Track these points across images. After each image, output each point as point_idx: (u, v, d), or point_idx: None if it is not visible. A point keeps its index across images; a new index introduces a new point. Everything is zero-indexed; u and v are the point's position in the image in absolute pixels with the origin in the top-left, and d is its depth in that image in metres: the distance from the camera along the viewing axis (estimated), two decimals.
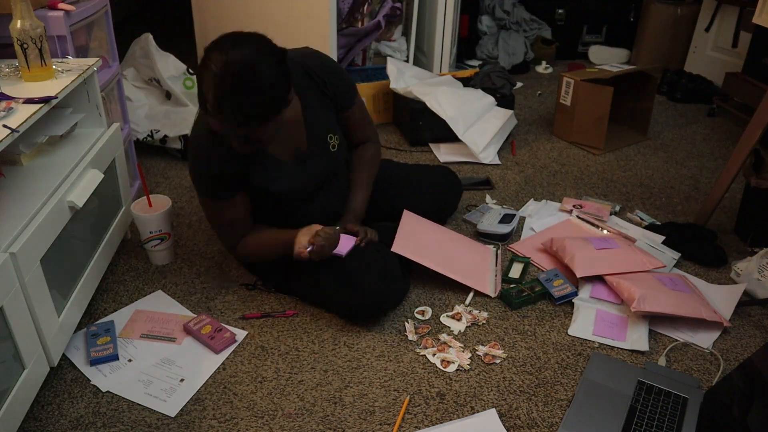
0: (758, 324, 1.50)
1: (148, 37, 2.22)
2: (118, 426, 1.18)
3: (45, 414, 1.20)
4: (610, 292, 1.54)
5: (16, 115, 1.15)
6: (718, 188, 1.81)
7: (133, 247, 1.73)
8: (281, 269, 1.52)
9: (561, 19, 3.53)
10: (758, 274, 1.57)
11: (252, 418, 1.20)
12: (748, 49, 2.71)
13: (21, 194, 1.24)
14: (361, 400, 1.25)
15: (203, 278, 1.61)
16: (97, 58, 1.51)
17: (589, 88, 2.35)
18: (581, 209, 1.93)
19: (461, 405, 1.24)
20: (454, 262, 1.61)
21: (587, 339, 1.43)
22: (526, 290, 1.55)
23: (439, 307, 1.52)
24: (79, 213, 1.34)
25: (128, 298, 1.53)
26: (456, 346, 1.39)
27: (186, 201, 1.99)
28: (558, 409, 1.24)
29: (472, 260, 1.66)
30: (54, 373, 1.29)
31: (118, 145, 1.59)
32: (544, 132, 2.60)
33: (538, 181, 2.18)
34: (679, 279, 1.57)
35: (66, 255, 1.28)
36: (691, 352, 1.40)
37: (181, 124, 2.18)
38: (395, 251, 1.52)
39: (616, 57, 3.48)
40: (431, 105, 2.32)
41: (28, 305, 1.11)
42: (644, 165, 2.33)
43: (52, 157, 1.40)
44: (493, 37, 3.39)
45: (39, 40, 1.29)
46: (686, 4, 3.19)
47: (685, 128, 2.68)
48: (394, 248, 1.52)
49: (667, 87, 3.03)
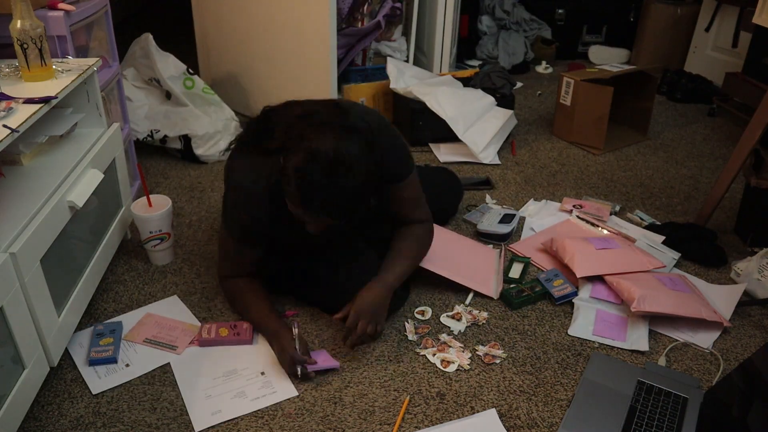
0: (758, 324, 1.50)
1: (148, 37, 2.22)
2: (118, 426, 1.18)
3: (45, 414, 1.20)
4: (610, 292, 1.54)
5: (16, 115, 1.15)
6: (718, 188, 1.81)
7: (133, 247, 1.73)
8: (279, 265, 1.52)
9: (561, 19, 3.53)
10: (758, 274, 1.57)
11: (252, 418, 1.20)
12: (748, 49, 2.71)
13: (21, 194, 1.24)
14: (361, 400, 1.25)
15: (203, 278, 1.61)
16: (97, 58, 1.51)
17: (589, 88, 2.35)
18: (581, 209, 1.93)
19: (461, 405, 1.24)
20: (458, 265, 1.62)
21: (587, 339, 1.43)
22: (526, 290, 1.55)
23: (439, 307, 1.52)
24: (79, 213, 1.34)
25: (129, 298, 1.53)
26: (456, 346, 1.39)
27: (186, 201, 1.99)
28: (558, 409, 1.24)
29: (476, 262, 1.66)
30: (54, 373, 1.29)
31: (118, 145, 1.59)
32: (544, 132, 2.60)
33: (538, 181, 2.18)
34: (679, 279, 1.57)
35: (66, 255, 1.28)
36: (691, 352, 1.40)
37: (181, 124, 2.18)
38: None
39: (616, 57, 3.48)
40: (431, 105, 2.31)
41: (28, 305, 1.11)
42: (644, 165, 2.33)
43: (52, 157, 1.40)
44: (493, 37, 3.39)
45: (39, 40, 1.29)
46: (686, 4, 3.18)
47: (685, 128, 2.68)
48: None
49: (667, 87, 3.03)
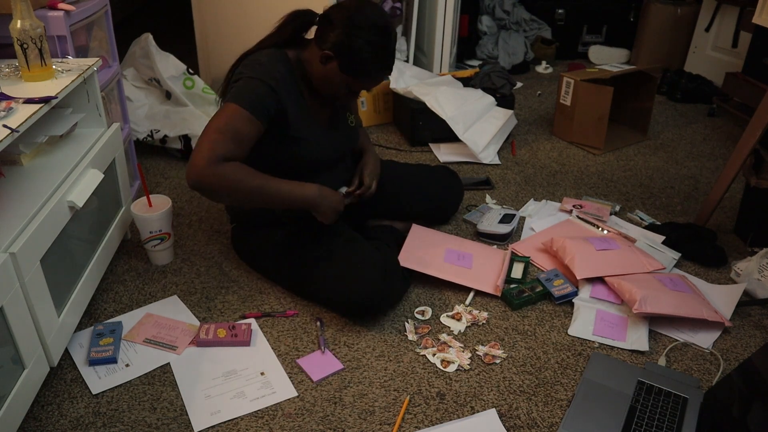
0: (758, 324, 1.50)
1: (148, 37, 2.22)
2: (118, 426, 1.18)
3: (45, 414, 1.20)
4: (610, 292, 1.54)
5: (16, 115, 1.15)
6: (718, 188, 1.81)
7: (133, 247, 1.73)
8: (279, 259, 1.52)
9: (561, 19, 3.53)
10: (758, 274, 1.57)
11: (252, 418, 1.20)
12: (748, 49, 2.71)
13: (21, 194, 1.24)
14: (361, 400, 1.25)
15: (203, 278, 1.61)
16: (97, 58, 1.51)
17: (589, 88, 2.35)
18: (581, 209, 1.93)
19: (461, 405, 1.24)
20: (463, 268, 1.62)
21: (587, 339, 1.43)
22: (526, 290, 1.55)
23: (439, 307, 1.52)
24: (79, 213, 1.34)
25: (129, 298, 1.53)
26: (456, 346, 1.39)
27: (186, 201, 1.99)
28: (558, 409, 1.24)
29: (483, 264, 1.66)
30: (54, 373, 1.29)
31: (118, 145, 1.59)
32: (544, 132, 2.60)
33: (538, 181, 2.18)
34: (679, 279, 1.57)
35: (66, 255, 1.28)
36: (691, 352, 1.40)
37: (181, 124, 2.18)
38: (402, 265, 1.54)
39: (616, 57, 3.48)
40: (431, 105, 2.31)
41: (28, 305, 1.11)
42: (644, 165, 2.33)
43: (52, 157, 1.40)
44: (493, 37, 3.39)
45: (39, 40, 1.29)
46: (686, 4, 3.19)
47: (685, 128, 2.68)
48: (401, 262, 1.55)
49: (667, 87, 3.03)
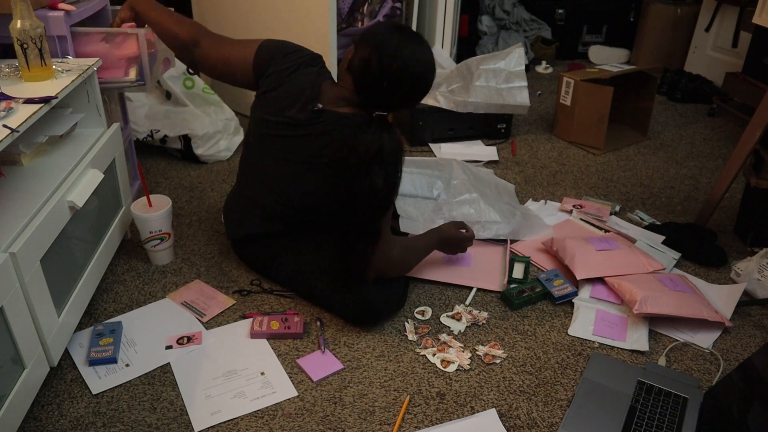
0: (758, 324, 1.50)
1: None
2: (118, 426, 1.18)
3: (45, 414, 1.20)
4: (610, 292, 1.54)
5: (16, 115, 1.15)
6: (718, 188, 1.81)
7: (133, 247, 1.73)
8: (279, 267, 1.52)
9: (561, 19, 3.53)
10: (758, 274, 1.57)
11: (252, 418, 1.20)
12: (748, 49, 2.71)
13: (21, 194, 1.24)
14: (361, 400, 1.25)
15: (203, 278, 1.61)
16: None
17: (589, 88, 2.35)
18: (581, 209, 1.93)
19: (461, 405, 1.24)
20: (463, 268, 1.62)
21: (587, 339, 1.43)
22: (527, 290, 1.55)
23: (439, 307, 1.52)
24: (79, 213, 1.34)
25: (129, 298, 1.52)
26: (456, 346, 1.39)
27: (186, 201, 1.99)
28: (558, 409, 1.24)
29: (482, 262, 1.66)
30: (54, 373, 1.29)
31: (118, 145, 1.59)
32: (544, 132, 2.60)
33: (538, 181, 2.18)
34: (679, 279, 1.56)
35: (66, 255, 1.28)
36: (691, 352, 1.40)
37: (181, 124, 2.18)
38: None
39: (616, 57, 3.48)
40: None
41: (28, 305, 1.11)
42: (644, 165, 2.33)
43: (52, 157, 1.40)
44: (493, 37, 3.39)
45: (39, 40, 1.29)
46: (686, 4, 3.19)
47: (685, 128, 2.68)
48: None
49: (667, 87, 3.03)
